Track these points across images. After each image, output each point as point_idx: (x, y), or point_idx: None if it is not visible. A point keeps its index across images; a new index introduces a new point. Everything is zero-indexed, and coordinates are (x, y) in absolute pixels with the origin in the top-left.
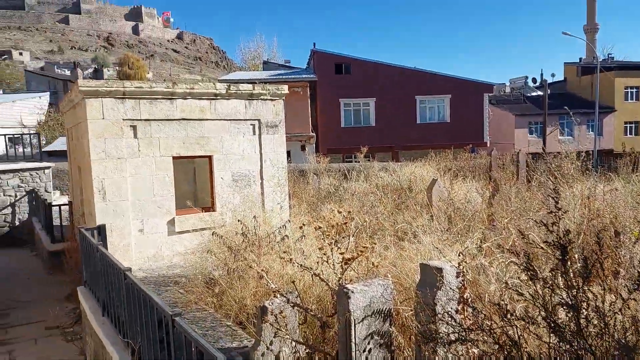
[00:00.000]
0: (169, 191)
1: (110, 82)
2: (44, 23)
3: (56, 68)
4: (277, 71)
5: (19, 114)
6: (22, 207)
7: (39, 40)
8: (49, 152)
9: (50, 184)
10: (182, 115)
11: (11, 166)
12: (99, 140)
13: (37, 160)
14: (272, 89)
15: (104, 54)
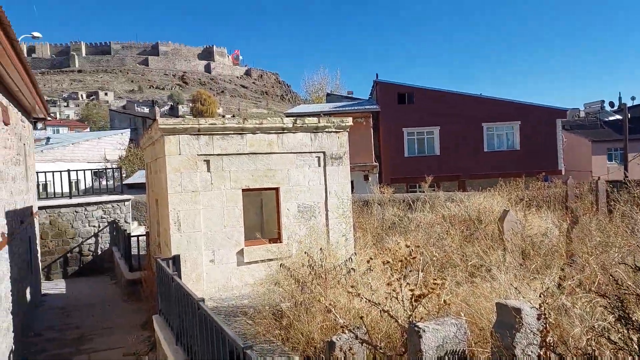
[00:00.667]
0: (238, 222)
1: (186, 119)
2: (127, 65)
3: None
4: (341, 103)
5: (103, 149)
6: (104, 237)
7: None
8: (128, 185)
9: (129, 215)
10: (252, 149)
11: (96, 199)
12: (176, 174)
13: (118, 193)
14: (336, 122)
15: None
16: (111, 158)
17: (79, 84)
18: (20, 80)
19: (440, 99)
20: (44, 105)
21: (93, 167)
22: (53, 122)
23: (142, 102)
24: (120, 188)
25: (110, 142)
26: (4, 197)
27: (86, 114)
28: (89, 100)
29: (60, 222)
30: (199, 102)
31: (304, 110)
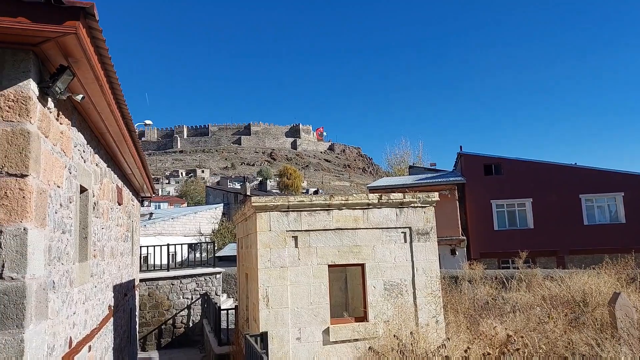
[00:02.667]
0: (324, 299)
1: (277, 197)
2: (222, 145)
3: (229, 182)
4: (424, 175)
5: (199, 223)
6: (196, 309)
7: (217, 159)
8: (219, 257)
9: (220, 287)
10: (337, 225)
11: (190, 271)
12: (266, 249)
13: (211, 266)
14: (422, 197)
15: (268, 167)
16: (205, 231)
17: (179, 163)
18: (134, 165)
19: (530, 170)
20: (151, 185)
21: (189, 241)
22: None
23: (234, 178)
24: (213, 261)
25: (205, 216)
26: (113, 271)
27: (185, 190)
28: (188, 178)
29: (158, 294)
30: (285, 177)
31: (386, 184)
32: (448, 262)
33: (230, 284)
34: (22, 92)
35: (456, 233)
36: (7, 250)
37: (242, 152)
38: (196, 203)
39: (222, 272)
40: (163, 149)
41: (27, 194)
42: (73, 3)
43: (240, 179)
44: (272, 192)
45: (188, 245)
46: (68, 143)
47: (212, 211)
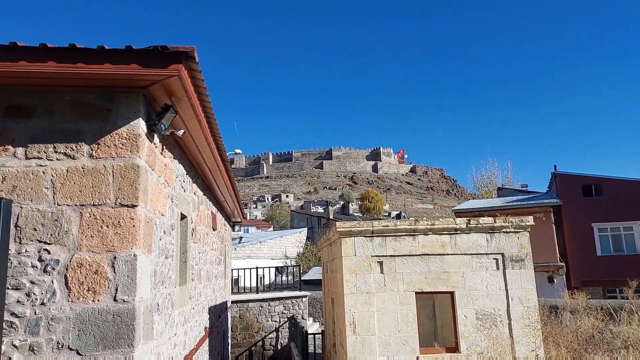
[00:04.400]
0: (412, 327)
1: (361, 223)
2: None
3: (311, 206)
4: (514, 197)
5: (284, 247)
6: (284, 332)
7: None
8: (304, 281)
9: (306, 311)
10: (424, 251)
11: (278, 294)
12: (351, 275)
13: (297, 289)
14: (515, 221)
15: (349, 191)
16: (291, 255)
17: (265, 188)
18: (226, 192)
19: (637, 190)
20: (241, 211)
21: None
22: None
23: (317, 202)
24: (299, 284)
25: (290, 240)
26: (209, 294)
27: (271, 214)
28: (273, 202)
29: (248, 316)
30: (367, 200)
31: (473, 206)
32: (545, 291)
33: (316, 307)
34: (133, 131)
35: (553, 259)
36: (119, 274)
37: (324, 176)
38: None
39: (308, 295)
40: (250, 175)
41: (136, 222)
42: (176, 48)
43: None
44: (354, 215)
45: (275, 269)
46: (170, 174)
47: (296, 235)
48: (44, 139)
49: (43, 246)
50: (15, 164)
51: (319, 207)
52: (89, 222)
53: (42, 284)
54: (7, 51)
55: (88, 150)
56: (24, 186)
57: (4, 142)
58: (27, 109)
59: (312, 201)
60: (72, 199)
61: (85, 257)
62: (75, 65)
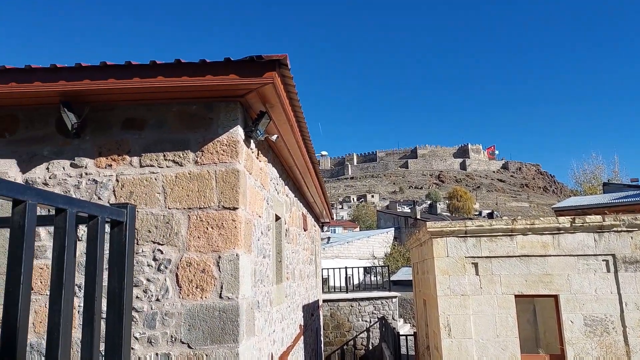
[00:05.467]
0: (512, 332)
1: (453, 223)
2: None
3: (397, 206)
4: (624, 193)
5: (372, 247)
6: (375, 332)
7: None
8: (393, 281)
9: (396, 312)
10: (522, 252)
11: (367, 294)
12: (444, 276)
13: (386, 289)
14: (627, 219)
15: (436, 190)
16: (378, 255)
17: (351, 189)
18: (316, 193)
19: None
20: (329, 211)
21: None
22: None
23: (402, 201)
24: (388, 285)
25: (377, 240)
26: (302, 292)
27: (356, 214)
28: (359, 202)
29: (339, 315)
30: (455, 199)
31: (576, 204)
32: None
33: (406, 308)
34: (232, 137)
35: None
36: (224, 273)
37: (410, 175)
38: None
39: (398, 296)
40: (336, 176)
41: (237, 224)
42: (270, 57)
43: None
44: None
45: (364, 269)
46: (265, 178)
47: (383, 235)
48: (155, 148)
49: (157, 247)
50: (132, 172)
51: (405, 206)
52: (196, 224)
53: (157, 281)
54: (123, 70)
55: (193, 157)
56: (139, 192)
57: (121, 152)
58: (140, 122)
59: (398, 201)
60: (180, 202)
61: (194, 256)
62: (181, 78)
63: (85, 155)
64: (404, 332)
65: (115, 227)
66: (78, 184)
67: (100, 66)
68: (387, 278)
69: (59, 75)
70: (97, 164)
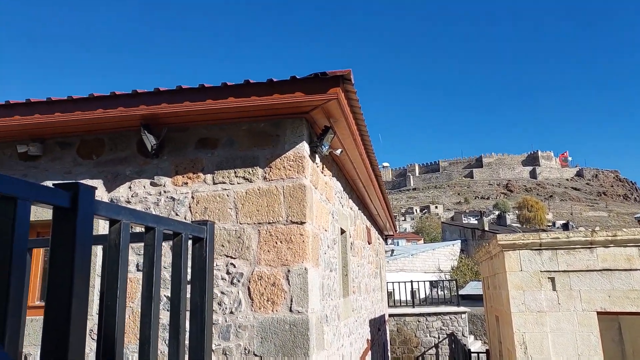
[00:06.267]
0: (595, 351)
1: (526, 235)
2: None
3: (463, 217)
4: None
5: (437, 259)
6: (444, 349)
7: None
8: (462, 296)
9: (466, 328)
10: (604, 265)
11: (434, 309)
12: (518, 292)
13: (454, 304)
14: None
15: (504, 200)
16: (444, 268)
17: (413, 200)
18: (379, 206)
19: None
20: (393, 223)
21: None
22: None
23: (468, 212)
24: (456, 299)
25: (443, 252)
26: (368, 306)
27: (420, 226)
28: (422, 214)
29: (405, 330)
30: (525, 209)
31: None
32: None
33: (477, 324)
34: (298, 153)
35: None
36: (293, 286)
37: (475, 185)
38: (431, 239)
39: (467, 312)
40: (397, 187)
41: (305, 238)
42: (334, 73)
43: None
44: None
45: (430, 283)
46: (330, 191)
47: (449, 248)
48: (226, 165)
49: (230, 260)
50: (206, 189)
51: (471, 218)
52: (266, 239)
53: (230, 294)
54: (197, 92)
55: (262, 174)
56: (213, 208)
57: (196, 170)
58: (213, 141)
59: (463, 212)
60: (250, 217)
61: (264, 270)
62: (250, 98)
63: (163, 174)
64: (475, 349)
65: (196, 243)
66: (157, 201)
67: (176, 90)
68: (455, 292)
69: (139, 100)
70: (174, 182)
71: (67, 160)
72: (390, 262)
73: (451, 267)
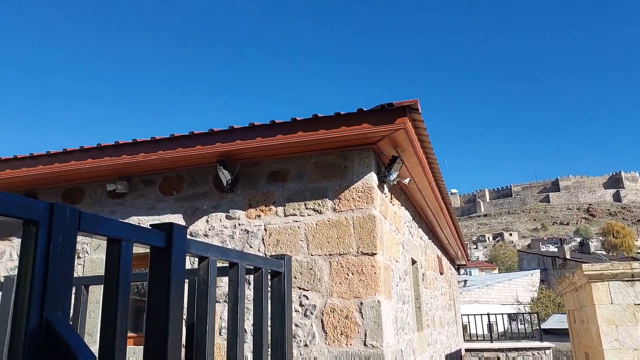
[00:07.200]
0: None
1: (615, 264)
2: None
3: (541, 244)
4: None
5: (515, 290)
6: None
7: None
8: (544, 330)
9: None
10: None
11: (515, 344)
12: (610, 327)
13: (536, 339)
14: None
15: (586, 225)
16: (523, 300)
17: (485, 227)
18: (450, 234)
19: None
20: (465, 252)
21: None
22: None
23: (546, 240)
24: (539, 334)
25: (520, 283)
26: (443, 340)
27: (494, 254)
28: (495, 242)
29: None
30: (610, 235)
31: None
32: None
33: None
34: (367, 184)
35: None
36: (367, 320)
37: (552, 210)
38: (507, 268)
39: (551, 347)
40: (467, 214)
41: (377, 269)
42: (401, 103)
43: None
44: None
45: (508, 315)
46: (399, 221)
47: (528, 278)
48: (296, 198)
49: (302, 292)
50: (277, 221)
51: (549, 245)
52: (337, 270)
53: (304, 327)
54: (268, 128)
55: (331, 205)
56: (284, 240)
57: (268, 203)
58: (283, 174)
59: (541, 239)
60: (321, 249)
61: (337, 302)
62: (318, 132)
63: (237, 207)
64: None
65: (274, 277)
66: (232, 234)
67: (249, 127)
68: (536, 326)
69: (215, 138)
70: (248, 215)
71: (150, 197)
72: (463, 293)
73: (531, 299)
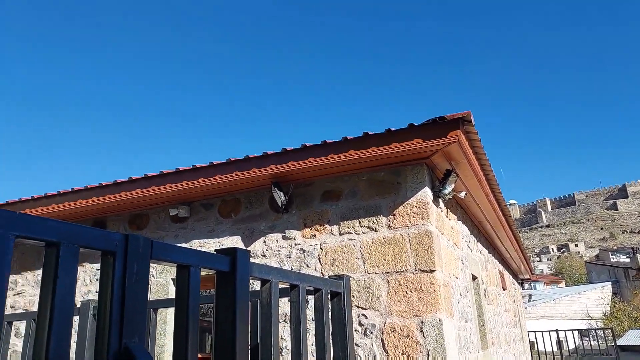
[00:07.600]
0: None
1: None
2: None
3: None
4: None
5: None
6: None
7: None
8: (620, 347)
9: None
10: None
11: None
12: None
13: (612, 357)
14: None
15: None
16: (594, 314)
17: (548, 238)
18: (511, 248)
19: None
20: (528, 265)
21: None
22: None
23: (616, 249)
24: (615, 351)
25: (590, 296)
26: (509, 359)
27: (559, 267)
28: (560, 253)
29: None
30: None
31: None
32: None
33: None
34: (421, 199)
35: None
36: (428, 339)
37: (621, 218)
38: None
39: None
40: (527, 225)
41: (436, 287)
42: (453, 116)
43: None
44: None
45: (578, 331)
46: (457, 236)
47: (598, 290)
48: (350, 216)
49: (361, 311)
50: (333, 240)
51: (620, 255)
52: (395, 288)
53: (365, 346)
54: (320, 148)
55: (386, 222)
56: (340, 258)
57: (322, 222)
58: (336, 193)
59: (611, 249)
60: (378, 267)
61: (396, 321)
62: (369, 149)
63: (293, 227)
64: None
65: (334, 297)
66: (289, 253)
67: (301, 148)
68: (611, 342)
69: (269, 160)
70: (303, 235)
71: (210, 220)
72: (529, 309)
73: (603, 313)
